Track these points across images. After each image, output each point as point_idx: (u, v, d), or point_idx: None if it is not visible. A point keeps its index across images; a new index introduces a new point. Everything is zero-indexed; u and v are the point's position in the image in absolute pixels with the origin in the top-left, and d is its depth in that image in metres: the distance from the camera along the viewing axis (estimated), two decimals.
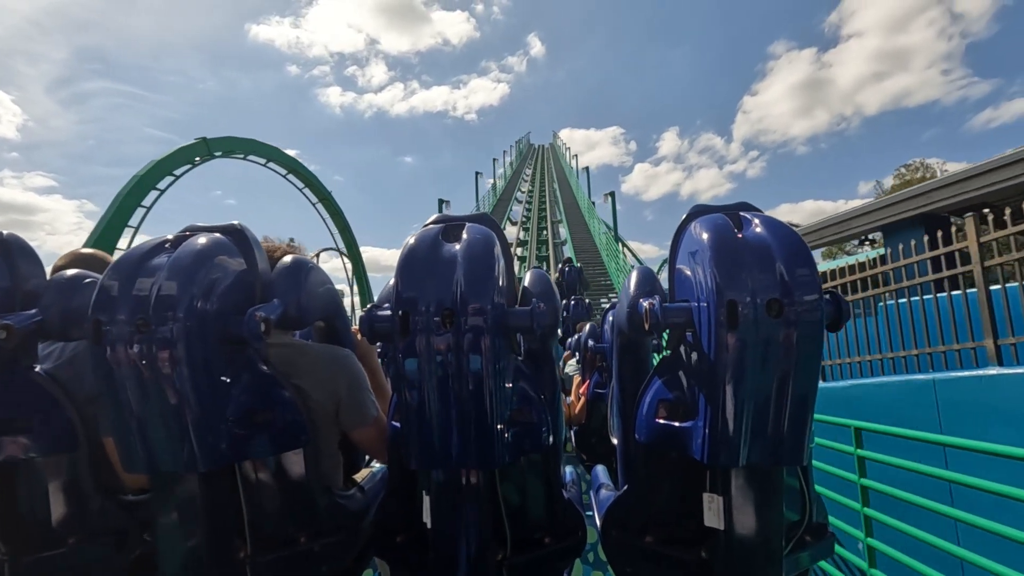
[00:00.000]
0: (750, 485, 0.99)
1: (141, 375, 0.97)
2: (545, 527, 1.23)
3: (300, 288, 1.24)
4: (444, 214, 1.18)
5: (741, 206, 1.14)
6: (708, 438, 0.96)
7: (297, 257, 1.30)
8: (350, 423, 1.32)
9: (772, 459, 0.96)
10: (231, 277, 1.11)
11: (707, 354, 0.95)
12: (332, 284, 1.39)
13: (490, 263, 1.02)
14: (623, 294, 1.21)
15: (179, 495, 1.05)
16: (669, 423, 1.08)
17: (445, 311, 0.94)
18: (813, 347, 0.91)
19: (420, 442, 0.98)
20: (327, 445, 1.32)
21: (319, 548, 1.24)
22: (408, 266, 1.00)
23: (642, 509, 1.20)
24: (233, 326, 1.05)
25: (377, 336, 1.02)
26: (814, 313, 0.91)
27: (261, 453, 1.12)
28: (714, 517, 1.03)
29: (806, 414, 0.94)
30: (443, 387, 0.95)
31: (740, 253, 0.95)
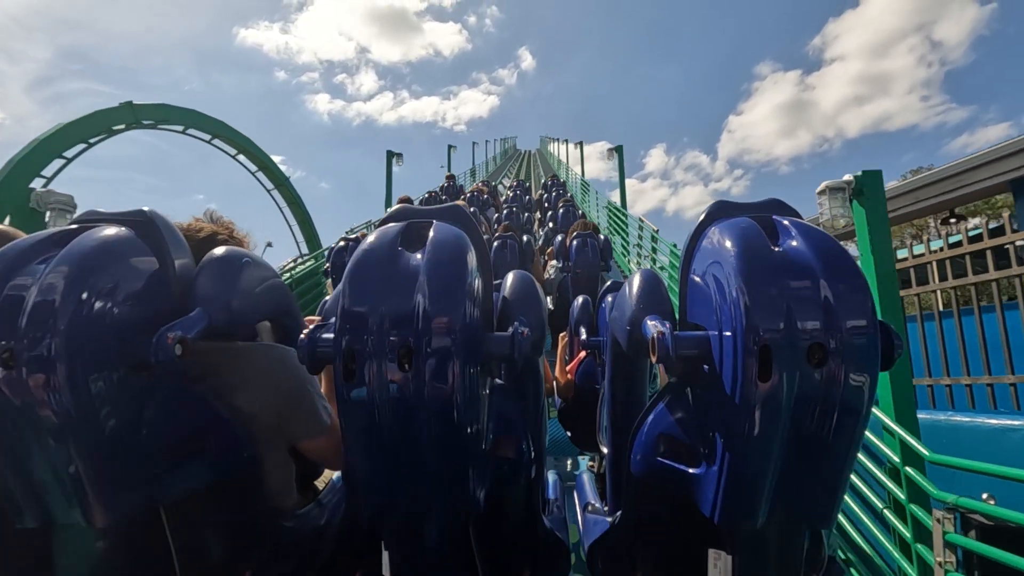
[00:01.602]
0: (767, 546, 0.85)
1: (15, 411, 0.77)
2: (525, 560, 1.09)
3: (232, 289, 1.01)
4: (406, 206, 0.95)
5: (772, 206, 0.93)
6: (723, 494, 0.80)
7: (229, 249, 1.06)
8: (296, 435, 1.14)
9: (798, 523, 0.81)
10: (136, 283, 0.88)
11: (728, 396, 0.77)
12: (276, 277, 1.16)
13: (461, 278, 0.81)
14: (622, 303, 1.02)
15: (84, 549, 0.88)
16: (672, 464, 0.92)
17: (402, 349, 0.74)
18: (861, 398, 0.74)
19: (371, 498, 0.81)
20: (273, 462, 1.15)
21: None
22: (357, 287, 0.78)
23: (633, 545, 1.06)
24: (139, 349, 0.84)
25: (321, 365, 0.82)
26: (866, 358, 0.73)
27: (187, 489, 0.94)
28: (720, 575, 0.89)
29: (845, 473, 0.78)
30: (401, 439, 0.76)
31: (776, 278, 0.75)
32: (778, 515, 0.80)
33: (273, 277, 1.14)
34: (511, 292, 1.01)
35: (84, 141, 8.81)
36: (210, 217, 1.27)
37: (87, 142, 8.83)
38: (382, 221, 0.93)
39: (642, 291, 0.98)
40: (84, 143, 8.82)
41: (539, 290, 1.06)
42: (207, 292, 0.97)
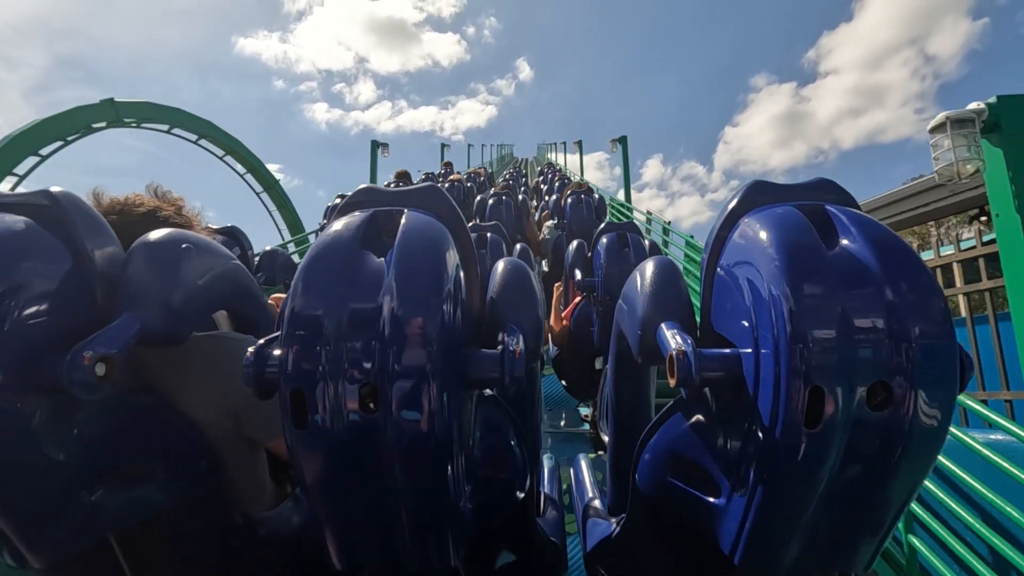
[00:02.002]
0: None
1: None
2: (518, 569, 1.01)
3: (170, 284, 0.84)
4: (371, 187, 0.77)
5: (822, 187, 0.76)
6: (747, 535, 0.69)
7: (165, 232, 0.88)
8: (260, 435, 1.02)
9: (831, 567, 0.70)
10: (42, 287, 0.72)
11: (763, 433, 0.64)
12: (229, 259, 0.98)
13: (438, 286, 0.65)
14: (631, 297, 0.86)
15: None
16: (684, 487, 0.80)
17: (364, 388, 0.59)
18: (933, 443, 0.60)
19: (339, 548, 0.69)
20: (238, 468, 1.03)
21: None
22: (305, 302, 0.62)
23: (635, 557, 0.98)
24: (47, 371, 0.69)
25: (273, 390, 0.68)
26: (943, 396, 0.59)
27: (138, 516, 0.83)
28: None
29: (897, 518, 0.66)
30: (367, 490, 0.63)
31: (833, 294, 0.60)
32: (809, 559, 0.69)
33: (224, 262, 0.97)
34: (501, 290, 0.85)
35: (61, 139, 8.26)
36: (154, 192, 1.08)
37: (65, 140, 8.26)
38: (343, 207, 0.76)
39: (657, 287, 0.82)
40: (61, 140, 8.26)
41: (534, 282, 0.90)
42: (137, 291, 0.81)
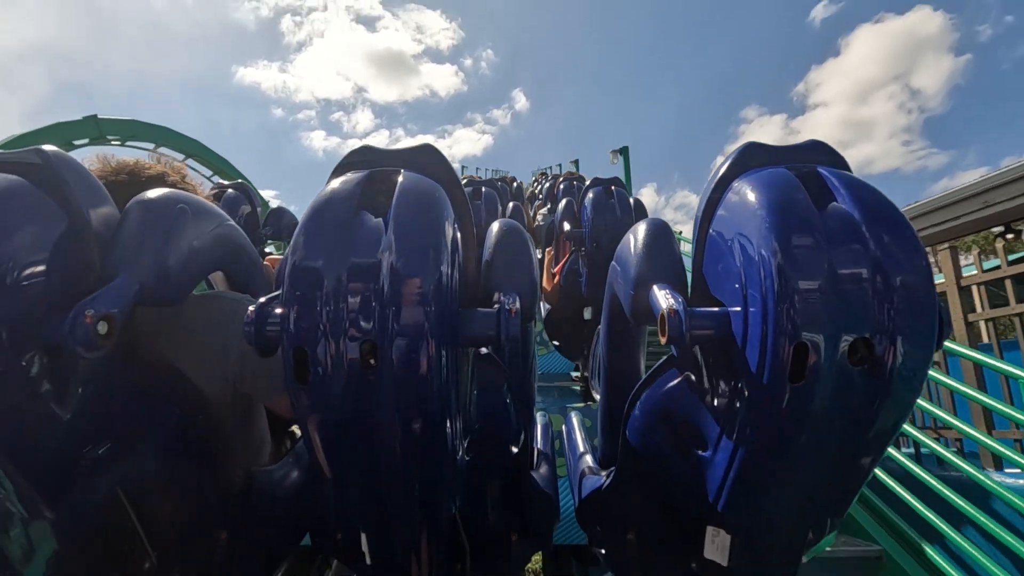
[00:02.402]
0: (769, 532, 0.79)
1: None
2: (513, 524, 1.05)
3: (166, 244, 0.84)
4: (367, 146, 0.77)
5: (814, 149, 0.77)
6: (729, 486, 0.73)
7: (159, 192, 0.88)
8: (258, 393, 1.04)
9: (807, 516, 0.74)
10: (40, 244, 0.72)
11: (748, 388, 0.67)
12: (224, 220, 0.98)
13: (436, 245, 0.66)
14: (625, 258, 0.88)
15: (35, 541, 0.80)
16: (672, 441, 0.84)
17: (364, 344, 0.61)
18: (908, 398, 0.63)
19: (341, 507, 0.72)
20: (237, 423, 1.06)
21: (245, 541, 1.05)
22: (306, 260, 0.63)
23: (625, 508, 1.02)
24: (49, 331, 0.70)
25: (273, 348, 0.69)
26: (920, 353, 0.61)
27: (143, 471, 0.86)
28: (717, 552, 0.84)
29: (870, 470, 0.70)
30: (367, 448, 0.66)
31: (821, 254, 0.62)
32: (788, 508, 0.73)
33: (220, 223, 0.97)
34: (496, 251, 0.86)
35: None
36: (158, 159, 1.07)
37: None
38: (338, 168, 0.76)
39: (650, 248, 0.84)
40: None
41: (529, 244, 0.91)
42: (134, 251, 0.81)
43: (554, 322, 2.82)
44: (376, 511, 0.73)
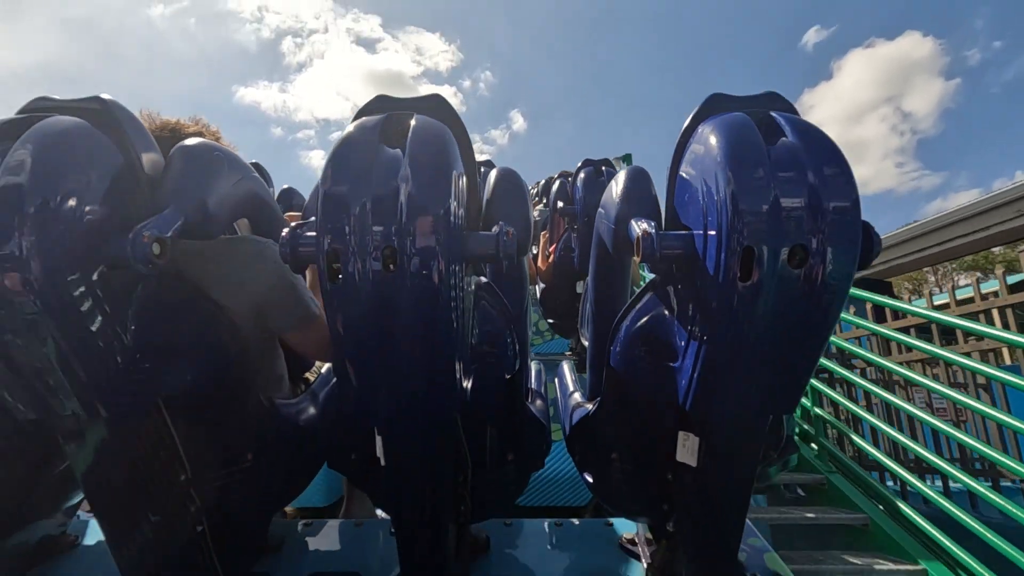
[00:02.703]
0: (731, 431, 0.92)
1: None
2: (509, 444, 1.17)
3: (205, 185, 0.97)
4: (383, 96, 0.89)
5: (770, 100, 0.89)
6: (695, 386, 0.85)
7: (199, 141, 1.00)
8: (280, 326, 1.16)
9: (764, 410, 0.87)
10: (103, 176, 0.84)
11: (707, 298, 0.79)
12: (250, 172, 1.10)
13: (445, 174, 0.78)
14: (608, 201, 1.00)
15: (89, 439, 0.92)
16: (650, 358, 0.96)
17: (386, 249, 0.73)
18: (837, 299, 0.76)
19: (362, 391, 0.84)
20: (261, 355, 1.18)
21: (267, 462, 1.17)
22: (336, 185, 0.75)
23: (610, 429, 1.14)
24: (113, 248, 0.82)
25: (303, 263, 0.81)
26: (846, 261, 0.74)
27: (180, 385, 0.97)
28: (688, 454, 0.97)
29: (811, 366, 0.83)
30: (385, 336, 0.78)
31: (764, 178, 0.74)
32: (747, 405, 0.85)
33: (248, 175, 1.09)
34: (495, 191, 0.99)
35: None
36: (196, 123, 1.19)
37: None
38: (358, 113, 0.88)
39: (629, 189, 0.96)
40: None
41: (525, 189, 1.03)
42: (179, 189, 0.93)
43: (549, 300, 2.95)
44: (390, 406, 0.84)
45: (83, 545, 1.46)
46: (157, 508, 1.03)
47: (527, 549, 1.44)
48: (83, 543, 1.47)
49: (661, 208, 0.96)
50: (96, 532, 1.51)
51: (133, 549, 1.05)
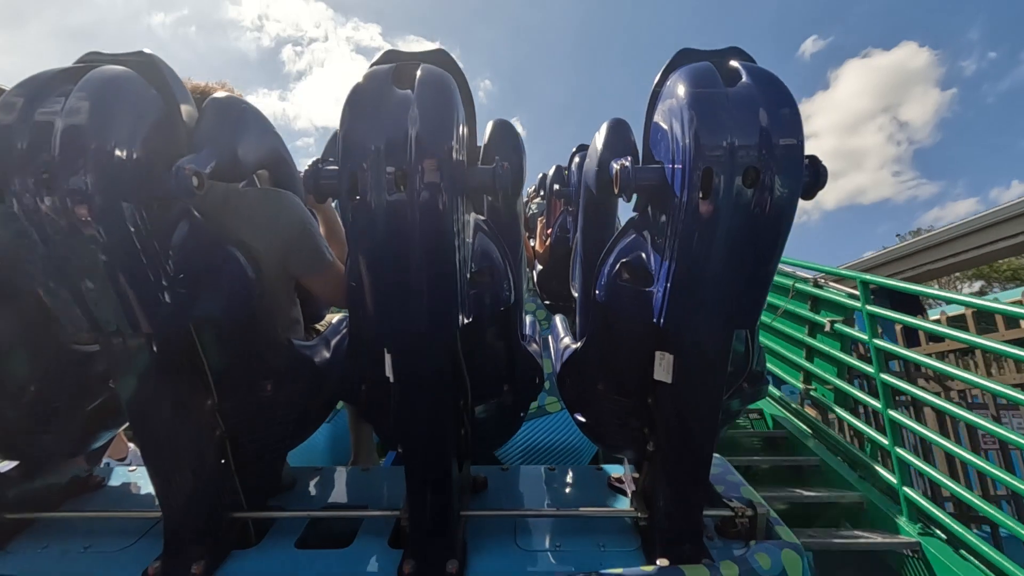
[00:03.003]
0: (701, 345, 1.04)
1: (57, 233, 0.88)
2: (504, 375, 1.29)
3: (235, 132, 1.09)
4: (392, 50, 1.02)
5: (731, 53, 1.01)
6: (667, 302, 0.97)
7: (230, 95, 1.13)
8: (300, 270, 1.28)
9: (727, 323, 0.99)
10: (149, 119, 0.96)
11: (675, 219, 0.91)
12: (273, 129, 1.23)
13: (449, 113, 0.90)
14: (592, 152, 1.13)
15: (131, 355, 1.03)
16: (630, 285, 1.08)
17: (398, 171, 0.85)
18: (785, 217, 0.88)
19: (375, 305, 0.96)
20: (281, 296, 1.30)
21: (285, 394, 1.28)
22: (355, 117, 0.87)
23: (596, 361, 1.26)
24: (159, 180, 0.93)
25: (324, 194, 0.93)
26: (792, 183, 0.86)
27: (209, 313, 1.09)
28: (663, 372, 1.08)
29: (766, 281, 0.95)
30: (398, 251, 0.89)
31: (721, 112, 0.86)
32: (712, 318, 0.97)
33: (271, 128, 1.21)
34: (493, 138, 1.11)
35: None
36: (222, 86, 1.32)
37: None
38: (371, 65, 1.00)
39: (609, 137, 1.09)
40: None
41: (519, 136, 1.16)
42: (213, 134, 1.05)
43: (546, 280, 3.08)
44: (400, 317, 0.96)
45: (109, 486, 1.57)
46: (187, 428, 1.14)
47: (523, 488, 1.56)
48: (109, 484, 1.58)
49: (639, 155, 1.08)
50: (120, 475, 1.62)
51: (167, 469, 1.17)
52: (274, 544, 1.28)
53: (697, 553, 1.19)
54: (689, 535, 1.21)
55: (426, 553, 1.18)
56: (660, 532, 1.21)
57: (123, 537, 1.29)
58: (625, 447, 1.37)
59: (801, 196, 0.91)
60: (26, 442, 1.33)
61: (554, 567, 1.20)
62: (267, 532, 1.32)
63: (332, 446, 2.47)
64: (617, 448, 1.44)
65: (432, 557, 1.17)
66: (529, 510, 1.42)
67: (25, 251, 0.93)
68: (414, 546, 1.18)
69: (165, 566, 1.15)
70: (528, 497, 1.51)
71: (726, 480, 1.52)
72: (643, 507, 1.28)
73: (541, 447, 2.62)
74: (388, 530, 1.31)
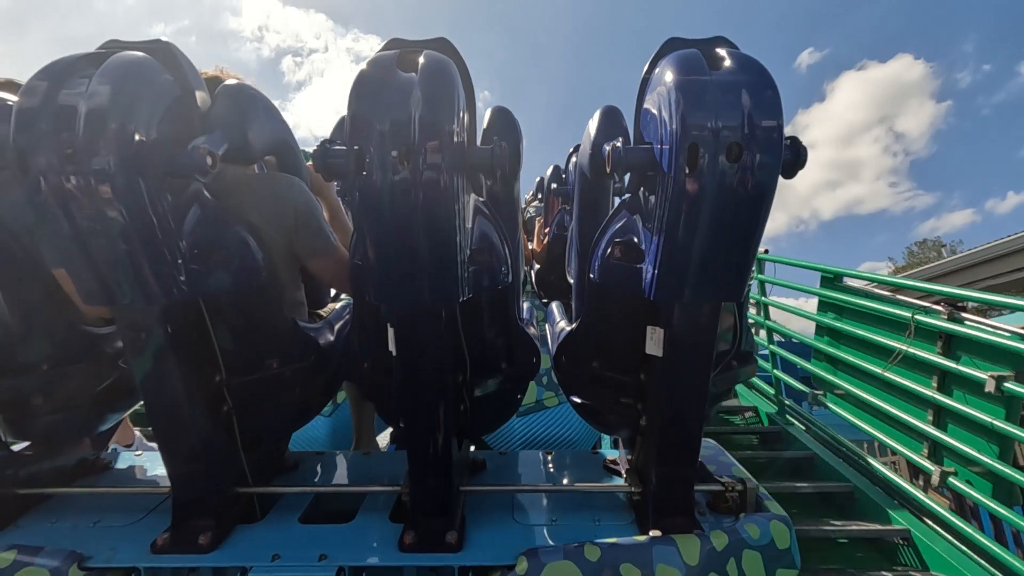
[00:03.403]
0: (689, 318, 1.08)
1: (79, 209, 0.93)
2: (502, 355, 1.34)
3: (245, 118, 1.15)
4: (397, 38, 1.07)
5: (717, 41, 1.07)
6: (656, 276, 1.02)
7: (241, 83, 1.19)
8: (305, 252, 1.33)
9: (713, 295, 1.04)
10: (166, 102, 1.01)
11: (664, 195, 0.96)
12: (280, 116, 1.29)
13: (450, 96, 0.96)
14: (586, 139, 1.18)
15: (144, 327, 1.08)
16: (622, 263, 1.13)
17: (402, 148, 0.90)
18: (766, 193, 0.93)
19: (379, 278, 1.00)
20: (286, 277, 1.34)
21: (290, 373, 1.32)
22: (361, 99, 0.92)
23: (591, 340, 1.31)
24: (175, 158, 0.98)
25: (332, 172, 0.98)
26: (773, 160, 0.91)
27: (219, 288, 1.13)
28: (655, 346, 1.13)
29: (749, 254, 1.00)
30: (401, 225, 0.94)
31: (706, 94, 0.92)
32: (699, 291, 1.02)
33: (279, 116, 1.27)
34: (492, 123, 1.17)
35: None
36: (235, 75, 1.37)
37: None
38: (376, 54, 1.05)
39: (602, 123, 1.14)
40: None
41: (516, 122, 1.21)
42: (225, 118, 1.11)
43: (544, 278, 3.14)
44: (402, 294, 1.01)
45: (116, 468, 1.61)
46: (196, 402, 1.18)
47: (520, 469, 1.60)
48: (116, 466, 1.61)
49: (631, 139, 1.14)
50: (127, 459, 1.66)
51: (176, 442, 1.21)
52: (279, 519, 1.32)
53: (689, 525, 1.23)
54: (681, 508, 1.25)
55: (426, 525, 1.22)
56: (653, 505, 1.25)
57: (131, 513, 1.33)
58: (620, 425, 1.42)
59: (783, 174, 0.96)
60: (38, 422, 1.37)
61: (550, 540, 1.24)
62: (271, 508, 1.35)
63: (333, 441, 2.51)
64: (612, 427, 1.48)
65: (432, 529, 1.21)
66: (526, 485, 1.46)
67: (46, 227, 0.98)
68: (415, 518, 1.22)
69: (173, 537, 1.19)
70: (525, 476, 1.55)
71: (718, 460, 1.57)
72: (636, 482, 1.32)
73: (539, 441, 2.65)
74: (389, 506, 1.35)
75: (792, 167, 0.97)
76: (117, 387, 1.46)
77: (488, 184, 1.24)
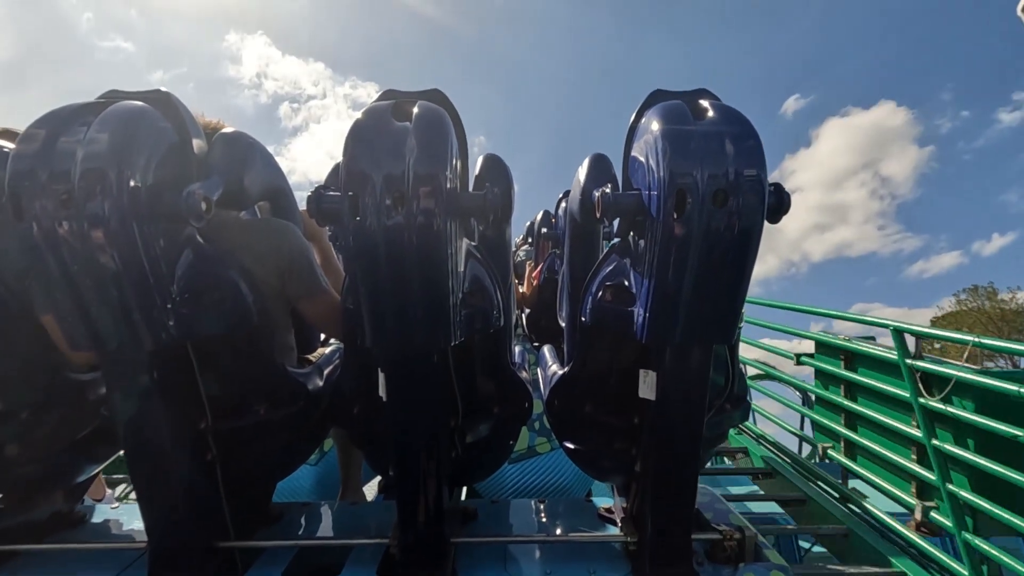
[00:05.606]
0: (681, 361, 1.09)
1: (72, 254, 0.92)
2: (494, 398, 1.32)
3: (241, 164, 1.17)
4: (392, 89, 1.11)
5: (700, 93, 1.12)
6: (647, 318, 1.03)
7: (239, 131, 1.21)
8: (297, 294, 1.33)
9: (703, 337, 1.04)
10: (163, 149, 1.03)
11: (653, 240, 0.98)
12: (275, 163, 1.31)
13: (443, 143, 0.98)
14: (576, 185, 1.21)
15: (130, 371, 1.06)
16: (614, 306, 1.14)
17: (396, 194, 0.92)
18: (752, 237, 0.95)
19: (373, 322, 1.00)
20: (278, 322, 1.33)
21: (278, 418, 1.30)
22: (357, 146, 0.95)
23: (584, 383, 1.30)
24: (170, 203, 0.99)
25: (326, 217, 0.99)
26: (757, 205, 0.94)
27: (209, 331, 1.12)
28: (648, 389, 1.13)
29: (738, 297, 1.01)
30: (394, 270, 0.95)
31: (692, 142, 0.95)
32: (690, 333, 1.03)
33: (273, 166, 1.29)
34: (484, 170, 1.20)
35: None
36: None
37: None
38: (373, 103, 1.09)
39: (591, 169, 1.18)
40: None
41: (508, 169, 1.24)
42: (221, 164, 1.12)
43: (535, 320, 3.14)
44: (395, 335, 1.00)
45: (90, 522, 1.54)
46: (179, 450, 1.15)
47: (512, 518, 1.55)
48: (91, 520, 1.55)
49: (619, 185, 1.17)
50: (102, 512, 1.59)
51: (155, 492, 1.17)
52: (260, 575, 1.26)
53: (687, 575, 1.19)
54: (679, 557, 1.22)
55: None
56: (650, 555, 1.22)
57: (105, 570, 1.27)
58: (614, 471, 1.39)
59: (768, 219, 0.99)
60: (11, 473, 1.32)
61: None
62: (254, 563, 1.30)
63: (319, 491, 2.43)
64: (606, 472, 1.46)
65: None
66: (519, 536, 1.42)
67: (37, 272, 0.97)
68: (404, 572, 1.18)
69: None
70: (518, 526, 1.51)
71: (715, 508, 1.53)
72: (632, 531, 1.28)
73: (531, 488, 2.59)
74: (376, 560, 1.30)
75: (776, 212, 1.00)
76: (96, 435, 1.41)
77: (480, 229, 1.26)
